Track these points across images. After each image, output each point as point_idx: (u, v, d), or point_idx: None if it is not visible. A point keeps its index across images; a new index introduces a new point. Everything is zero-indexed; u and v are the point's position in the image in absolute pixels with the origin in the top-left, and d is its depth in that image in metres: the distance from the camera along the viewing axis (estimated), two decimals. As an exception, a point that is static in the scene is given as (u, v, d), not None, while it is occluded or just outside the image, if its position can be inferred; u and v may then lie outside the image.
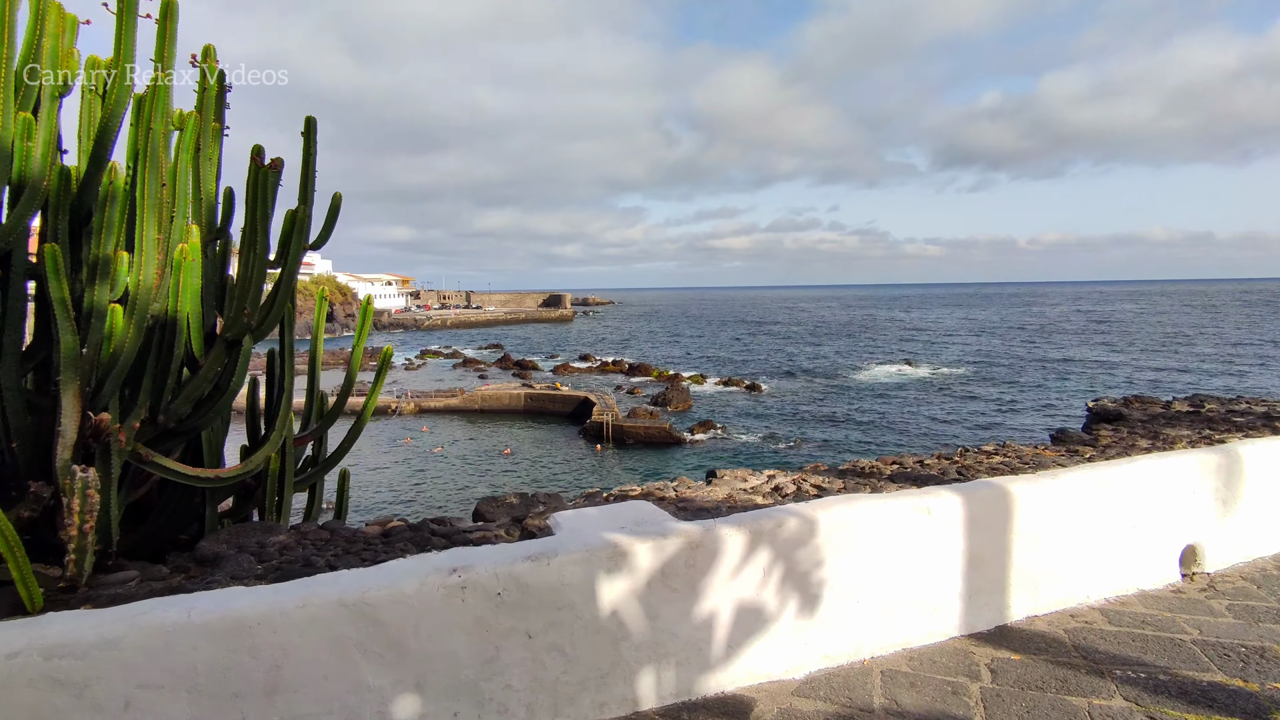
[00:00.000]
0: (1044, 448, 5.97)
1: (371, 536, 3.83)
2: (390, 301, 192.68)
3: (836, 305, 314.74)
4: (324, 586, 3.02)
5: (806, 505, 3.97)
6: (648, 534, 3.57)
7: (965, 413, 57.56)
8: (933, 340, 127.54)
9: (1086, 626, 4.41)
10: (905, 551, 4.11)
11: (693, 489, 4.55)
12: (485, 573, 3.22)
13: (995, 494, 4.37)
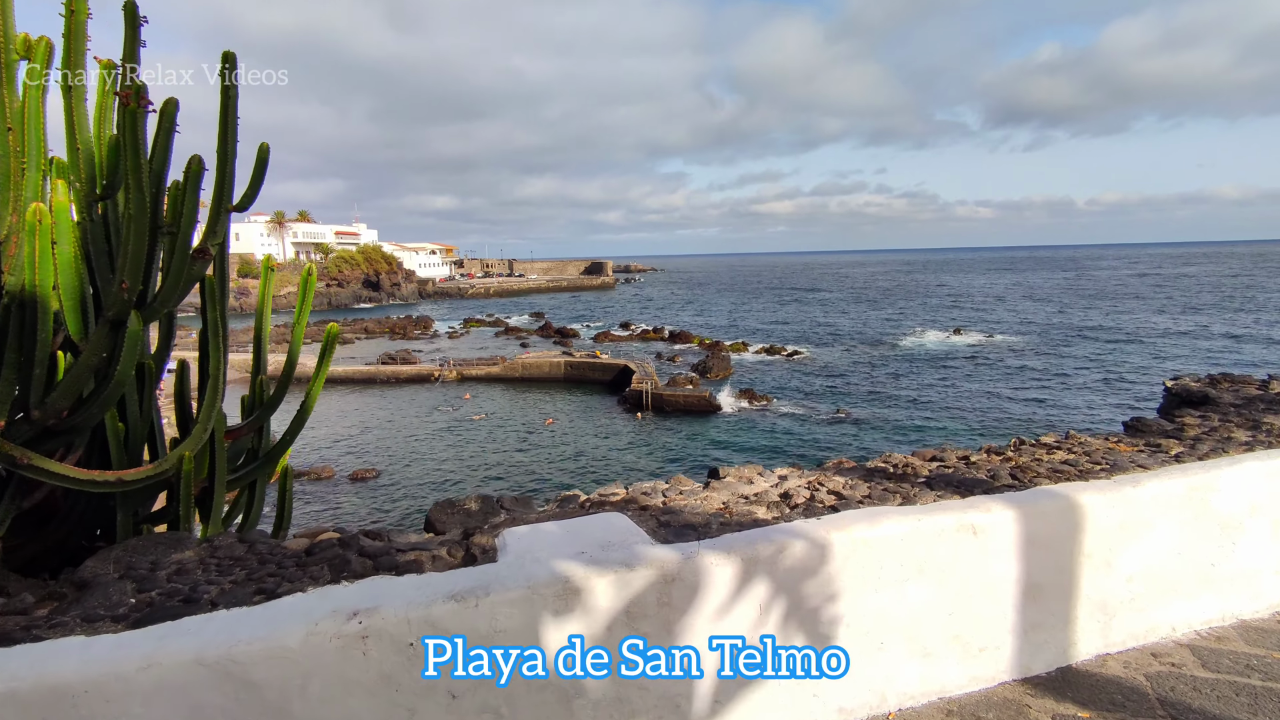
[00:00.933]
0: (1117, 440, 5.01)
1: (290, 555, 3.17)
2: (435, 270, 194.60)
3: (883, 270, 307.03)
4: (181, 638, 2.38)
5: (817, 524, 3.17)
6: (610, 563, 2.83)
7: (1019, 388, 55.22)
8: (983, 307, 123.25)
9: (1174, 671, 3.54)
10: (943, 580, 3.30)
11: (685, 494, 3.80)
12: (395, 616, 2.53)
13: (1060, 507, 3.51)
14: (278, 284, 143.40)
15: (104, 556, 3.18)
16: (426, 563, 3.04)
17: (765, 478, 4.15)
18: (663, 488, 4.05)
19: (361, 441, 43.53)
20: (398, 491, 33.96)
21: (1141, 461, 4.21)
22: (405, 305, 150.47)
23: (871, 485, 3.79)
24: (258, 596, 2.77)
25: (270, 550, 3.33)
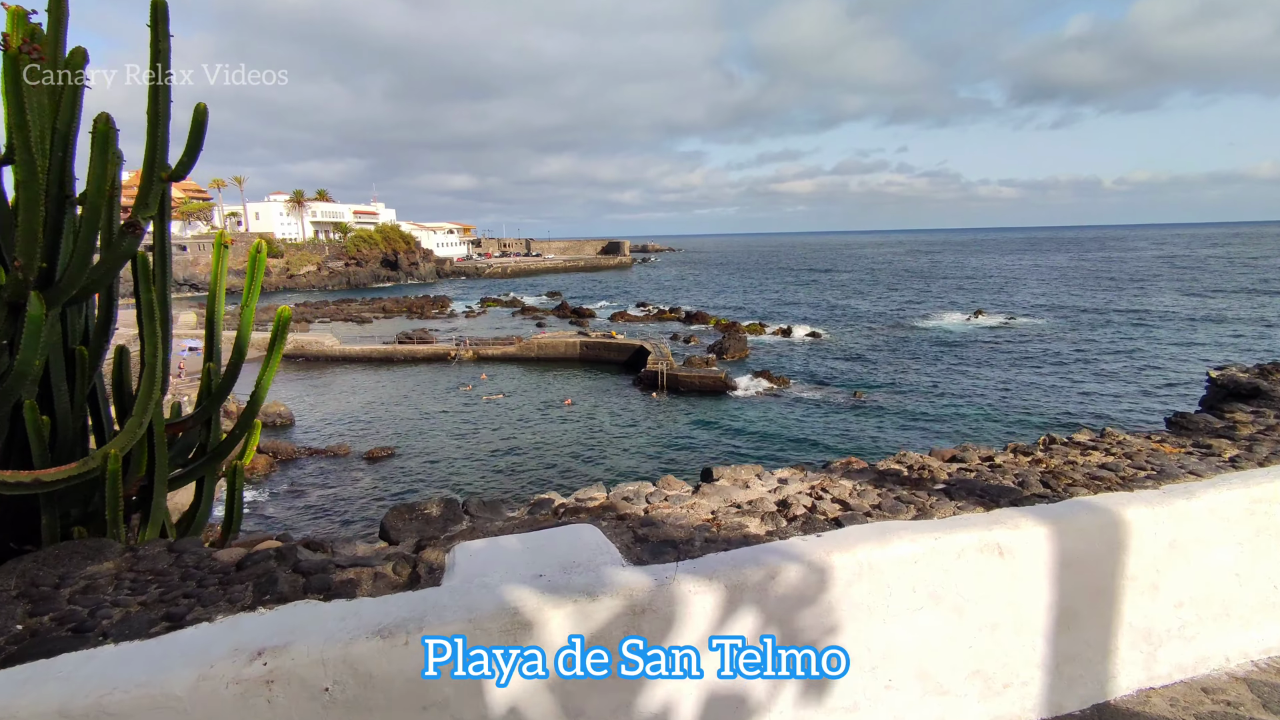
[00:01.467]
0: (1160, 439, 4.52)
1: (216, 570, 2.79)
2: (452, 250, 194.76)
3: (903, 251, 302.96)
4: (47, 683, 1.99)
5: (816, 543, 2.73)
6: (571, 590, 2.42)
7: (1043, 374, 54.07)
8: (1005, 289, 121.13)
9: (1228, 710, 3.08)
10: (963, 608, 2.85)
11: (671, 500, 3.38)
12: (308, 656, 2.13)
13: (1100, 523, 3.03)
14: (297, 264, 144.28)
15: (9, 569, 2.82)
16: (366, 581, 2.65)
17: (763, 480, 3.72)
18: (647, 491, 3.63)
19: (378, 420, 43.60)
20: (412, 471, 33.95)
21: (1192, 467, 3.72)
22: (423, 285, 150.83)
23: (882, 492, 3.35)
24: (161, 624, 2.38)
25: (197, 562, 2.95)
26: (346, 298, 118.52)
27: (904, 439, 36.81)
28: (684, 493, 3.59)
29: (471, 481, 32.22)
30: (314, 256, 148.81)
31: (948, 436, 37.18)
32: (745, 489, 3.55)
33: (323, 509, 29.22)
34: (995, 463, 3.91)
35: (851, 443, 35.80)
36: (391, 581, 2.73)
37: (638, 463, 34.31)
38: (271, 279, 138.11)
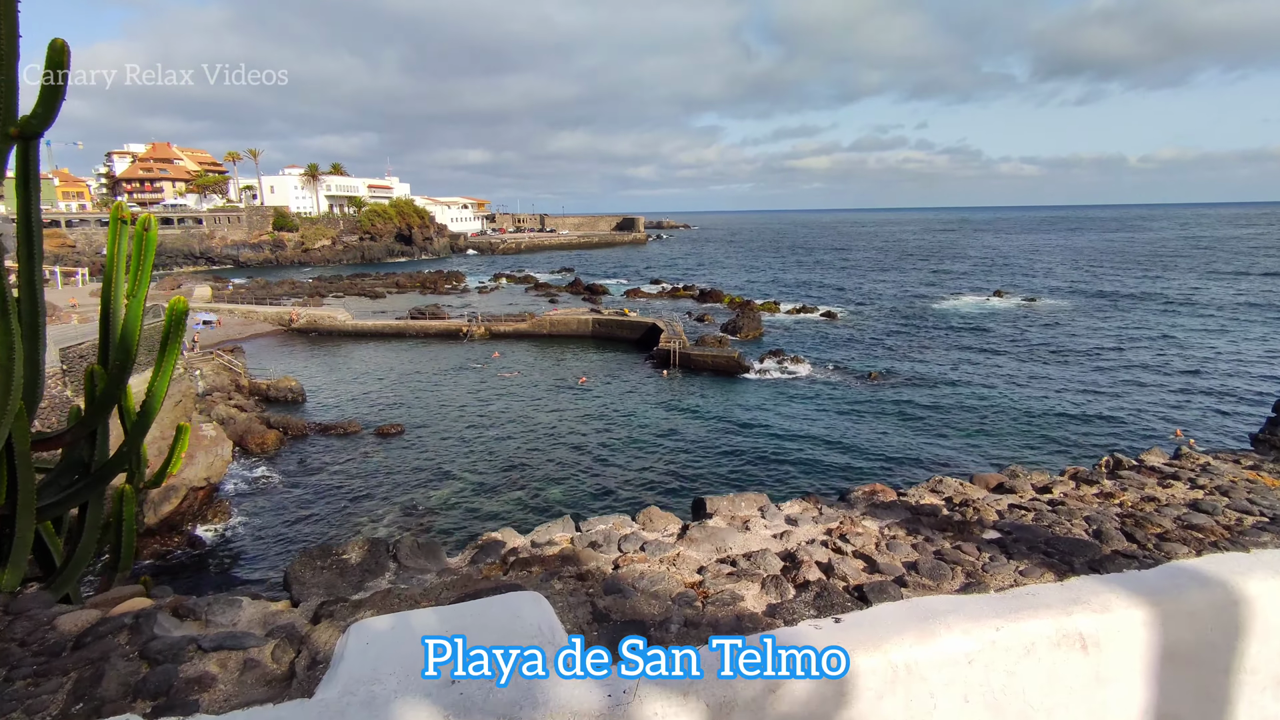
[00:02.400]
0: (1252, 464, 3.76)
1: (45, 648, 2.11)
2: (466, 225, 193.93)
3: (921, 229, 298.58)
4: None
5: (835, 631, 2.01)
6: (488, 711, 1.71)
7: (1071, 361, 52.75)
8: (1026, 269, 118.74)
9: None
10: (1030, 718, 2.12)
11: (650, 547, 2.71)
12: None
13: (1215, 601, 2.28)
14: (312, 238, 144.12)
15: None
16: (229, 676, 1.97)
17: (767, 519, 3.02)
18: (623, 532, 2.93)
19: (388, 397, 43.28)
20: (422, 449, 33.57)
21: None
22: (437, 260, 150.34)
23: (918, 541, 2.63)
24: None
25: (29, 633, 2.28)
26: (360, 272, 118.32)
27: (924, 430, 35.83)
28: (667, 535, 2.88)
29: (475, 464, 31.78)
30: (328, 231, 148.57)
31: (970, 428, 36.26)
32: (744, 530, 2.84)
33: (331, 487, 28.92)
34: (1054, 496, 3.17)
35: (868, 441, 34.88)
36: (265, 674, 2.05)
37: (638, 458, 33.71)
38: (287, 253, 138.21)
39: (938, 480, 3.53)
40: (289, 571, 2.83)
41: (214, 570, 22.13)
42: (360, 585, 2.68)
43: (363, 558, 2.89)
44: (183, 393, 28.40)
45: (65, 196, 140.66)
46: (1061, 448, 32.19)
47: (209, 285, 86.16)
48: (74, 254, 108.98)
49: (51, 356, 25.06)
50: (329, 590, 2.62)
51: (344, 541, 3.12)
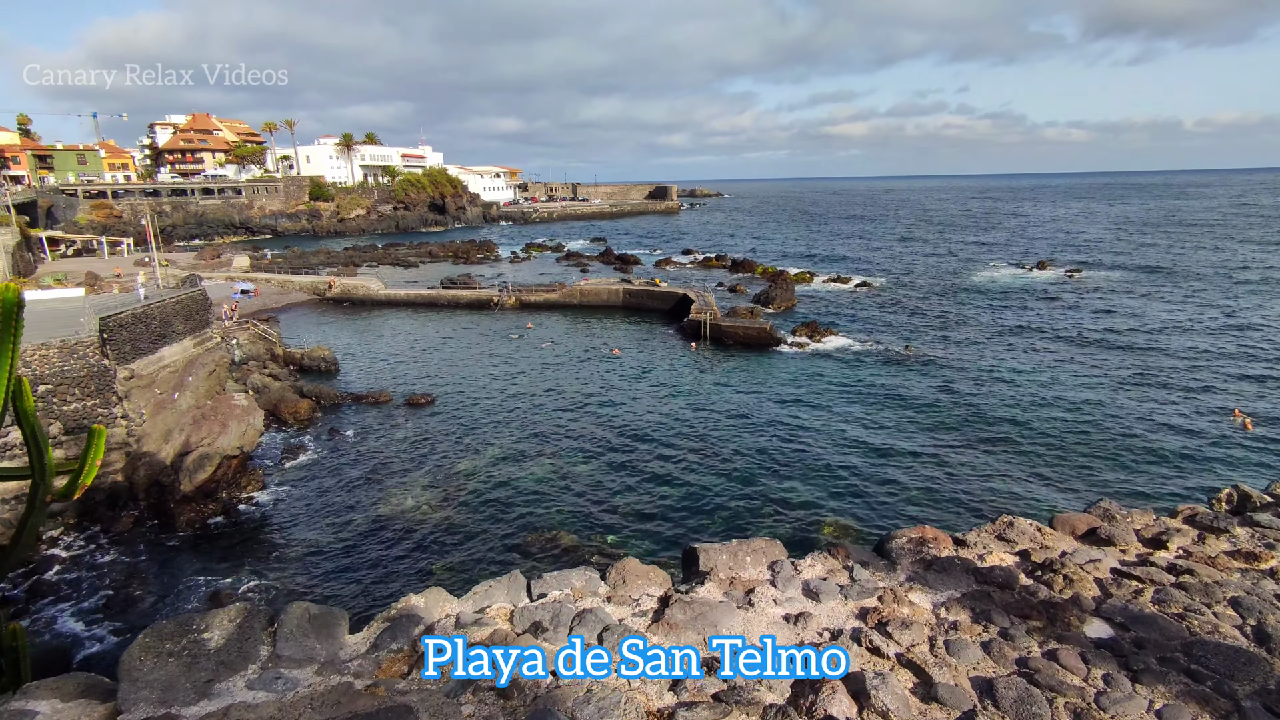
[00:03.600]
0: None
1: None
2: (499, 194, 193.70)
3: (962, 197, 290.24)
4: None
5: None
6: None
7: (1124, 338, 50.98)
8: (1072, 239, 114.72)
9: None
10: None
11: (611, 633, 2.27)
12: None
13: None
14: (347, 207, 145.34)
15: None
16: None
17: (779, 584, 2.55)
18: (583, 605, 2.46)
19: (420, 366, 43.62)
20: (452, 419, 33.78)
21: None
22: (469, 229, 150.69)
23: (990, 635, 2.24)
24: None
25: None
26: (394, 242, 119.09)
27: (968, 423, 34.69)
28: (639, 614, 2.39)
29: (504, 435, 31.88)
30: (363, 200, 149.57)
31: (1020, 419, 35.25)
32: (745, 607, 2.35)
33: (361, 456, 29.29)
34: (1172, 556, 2.56)
35: (904, 435, 33.98)
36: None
37: (659, 443, 33.46)
38: (322, 223, 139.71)
39: (1005, 523, 3.10)
40: (123, 660, 2.46)
41: (244, 536, 22.60)
42: (207, 687, 2.30)
43: (228, 637, 2.46)
44: (216, 362, 28.87)
45: (111, 168, 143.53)
46: (1118, 437, 31.09)
47: (247, 255, 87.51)
48: (120, 224, 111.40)
49: (91, 325, 25.56)
50: (164, 694, 2.25)
51: (211, 611, 2.71)
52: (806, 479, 26.19)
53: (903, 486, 25.47)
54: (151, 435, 24.39)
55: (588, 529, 22.80)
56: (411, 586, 19.70)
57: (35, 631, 17.20)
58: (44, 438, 3.20)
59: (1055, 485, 25.29)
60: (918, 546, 2.63)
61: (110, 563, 20.75)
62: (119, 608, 18.56)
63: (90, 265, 70.64)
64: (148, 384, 28.50)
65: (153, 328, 32.14)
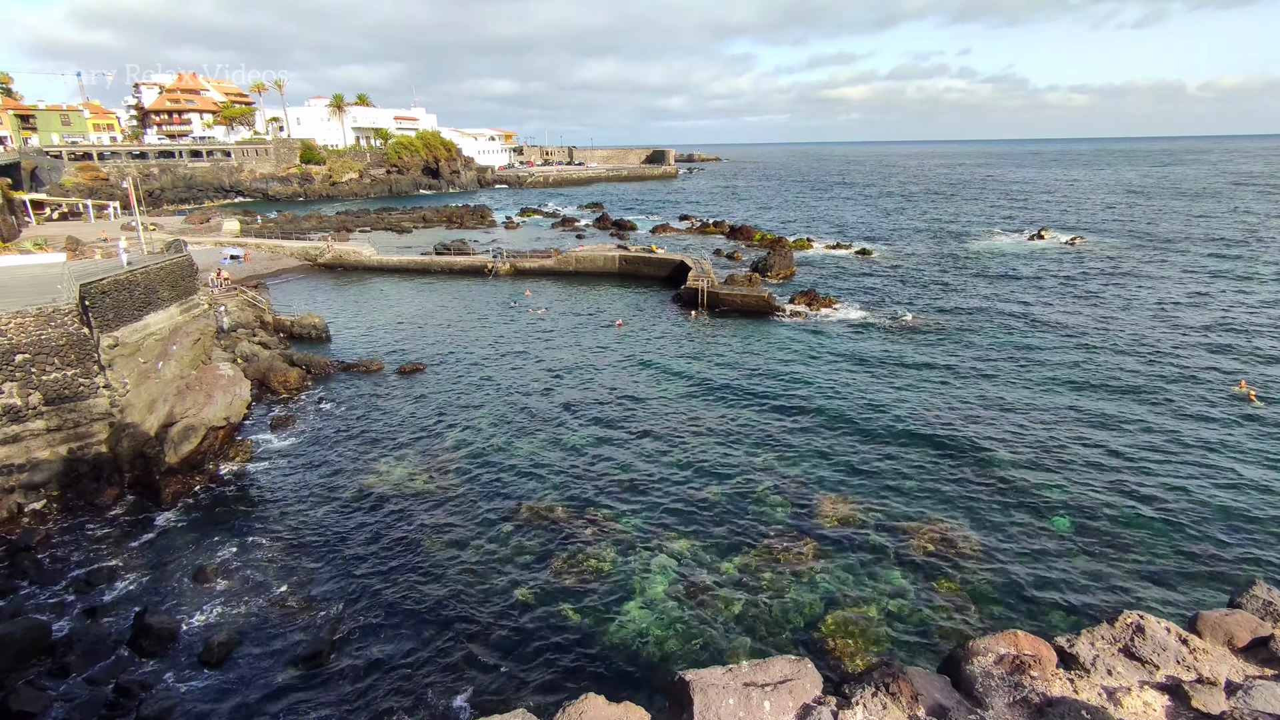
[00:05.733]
0: None
1: None
2: (494, 158, 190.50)
3: (962, 163, 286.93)
4: None
5: None
6: None
7: (1122, 303, 50.47)
8: (1071, 204, 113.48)
9: None
10: None
11: None
12: None
13: None
14: (339, 171, 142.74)
15: None
16: None
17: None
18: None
19: (412, 334, 42.90)
20: (442, 388, 33.24)
21: None
22: (464, 193, 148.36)
23: None
24: None
25: None
26: (387, 206, 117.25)
27: (978, 398, 34.51)
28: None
29: (495, 405, 31.38)
30: (355, 164, 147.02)
31: (1032, 384, 34.84)
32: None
33: (351, 426, 28.80)
34: None
35: (912, 415, 33.66)
36: None
37: (651, 415, 32.99)
38: (314, 186, 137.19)
39: (1130, 626, 2.36)
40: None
41: (231, 509, 22.19)
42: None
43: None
44: (201, 330, 28.18)
45: (96, 129, 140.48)
46: (1113, 396, 30.74)
47: (237, 219, 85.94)
48: (107, 187, 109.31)
49: (71, 292, 24.82)
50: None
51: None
52: (806, 455, 25.80)
53: (905, 465, 25.12)
54: (136, 406, 23.80)
55: (580, 502, 22.42)
56: (400, 560, 19.37)
57: (14, 608, 16.81)
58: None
59: (1086, 473, 24.97)
60: (1011, 672, 1.97)
61: (93, 537, 20.32)
62: (103, 584, 18.17)
63: (76, 229, 69.29)
64: (132, 352, 27.84)
65: (137, 294, 31.34)
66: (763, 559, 19.07)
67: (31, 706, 13.67)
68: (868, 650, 15.57)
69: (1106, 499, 22.01)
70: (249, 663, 15.43)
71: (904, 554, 19.22)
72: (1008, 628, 12.63)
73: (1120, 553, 19.21)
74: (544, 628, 16.52)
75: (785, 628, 16.34)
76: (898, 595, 17.44)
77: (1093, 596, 17.27)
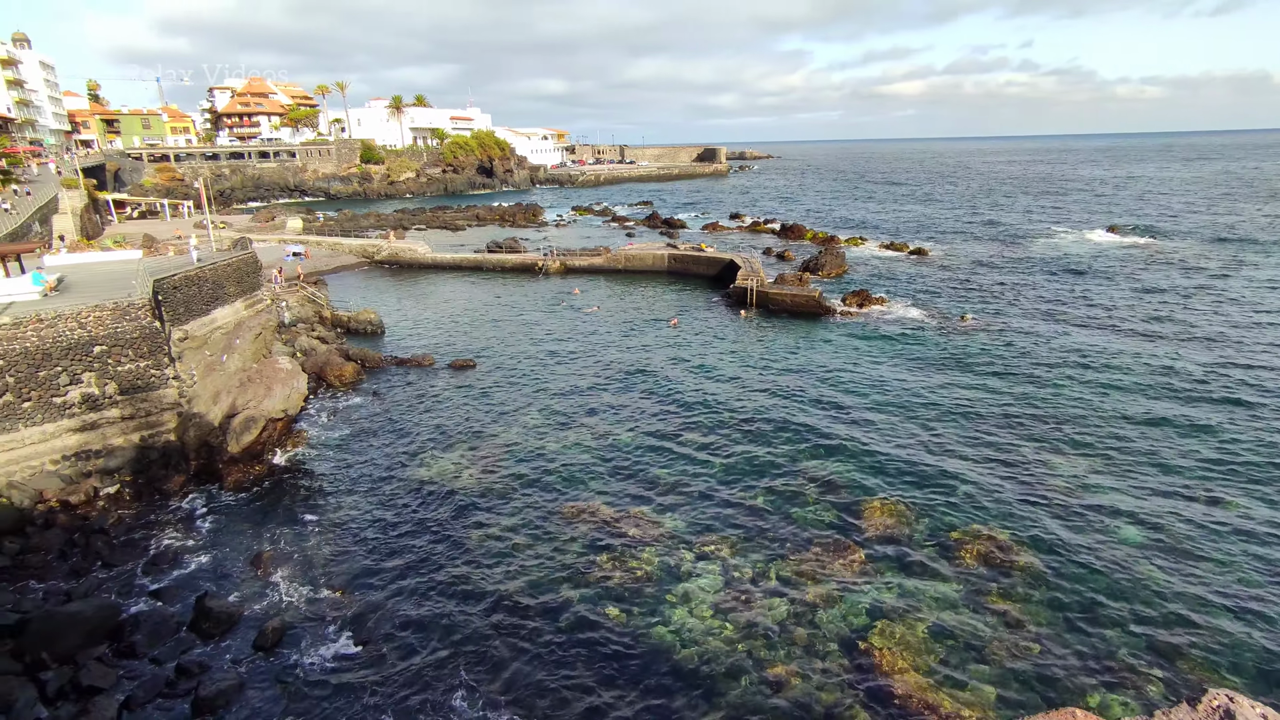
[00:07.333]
0: None
1: None
2: (546, 156, 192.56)
3: (1023, 159, 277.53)
4: None
5: None
6: None
7: (1202, 312, 48.10)
8: (1144, 203, 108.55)
9: None
10: None
11: None
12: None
13: None
14: (397, 170, 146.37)
15: None
16: None
17: None
18: None
19: (464, 330, 43.68)
20: (493, 384, 33.71)
21: None
22: (517, 192, 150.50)
23: None
24: None
25: None
26: (442, 204, 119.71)
27: (1034, 405, 33.39)
28: None
29: (545, 402, 31.67)
30: (412, 164, 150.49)
31: (1081, 383, 33.56)
32: None
33: (403, 420, 29.47)
34: None
35: (968, 416, 32.76)
36: None
37: (701, 416, 32.78)
38: (373, 185, 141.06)
39: (1217, 710, 2.09)
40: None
41: (287, 498, 22.94)
42: None
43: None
44: (263, 325, 29.24)
45: (173, 132, 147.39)
46: (1188, 405, 29.33)
47: (300, 217, 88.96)
48: (182, 187, 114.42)
49: (145, 287, 26.02)
50: None
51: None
52: (855, 458, 25.32)
53: (960, 471, 24.44)
54: (202, 397, 24.85)
55: (626, 500, 22.48)
56: (446, 554, 19.74)
57: (88, 588, 17.74)
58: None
59: (1158, 485, 23.94)
60: None
61: (160, 522, 21.29)
62: (167, 566, 19.03)
63: (153, 227, 72.76)
64: (199, 345, 29.09)
65: (205, 290, 32.75)
66: (809, 565, 18.80)
67: (102, 682, 14.40)
68: (916, 667, 15.20)
69: (1186, 516, 21.00)
70: (300, 649, 15.94)
71: (955, 565, 18.71)
72: (1066, 653, 11.99)
73: (1198, 572, 18.30)
74: (587, 628, 16.62)
75: (831, 638, 16.07)
76: (948, 608, 16.97)
77: (1172, 634, 16.32)
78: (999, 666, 15.06)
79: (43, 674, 14.39)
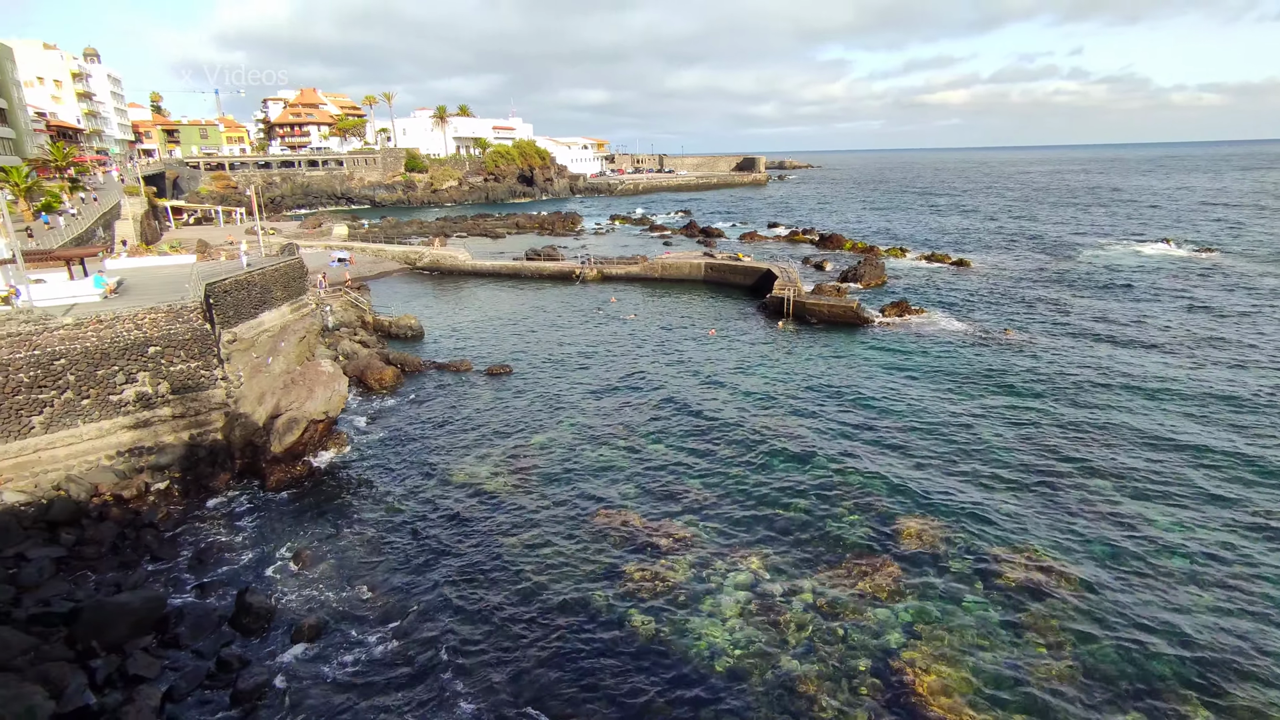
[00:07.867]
0: None
1: None
2: (586, 165, 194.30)
3: (1072, 169, 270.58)
4: None
5: None
6: None
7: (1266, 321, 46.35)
8: (1200, 215, 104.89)
9: None
10: None
11: None
12: None
13: None
14: (440, 179, 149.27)
15: None
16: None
17: None
18: None
19: (501, 337, 44.25)
20: (529, 390, 34.06)
21: None
22: (556, 200, 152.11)
23: None
24: None
25: None
26: (484, 212, 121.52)
27: (1073, 413, 32.55)
28: None
29: (579, 409, 31.89)
30: (455, 172, 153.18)
31: (1128, 401, 32.61)
32: None
33: (440, 424, 29.97)
34: None
35: (1008, 432, 32.06)
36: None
37: (731, 435, 32.61)
38: (417, 193, 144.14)
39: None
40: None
41: (326, 498, 23.50)
42: None
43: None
44: (307, 328, 30.05)
45: (229, 141, 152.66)
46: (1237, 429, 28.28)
47: (346, 224, 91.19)
48: (236, 194, 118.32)
49: (197, 290, 26.99)
50: None
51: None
52: (892, 472, 24.97)
53: (996, 488, 23.94)
54: (248, 397, 25.65)
55: (659, 511, 22.50)
56: (479, 557, 20.01)
57: (136, 580, 18.41)
58: None
59: (1210, 511, 23.16)
60: None
61: (206, 518, 22.02)
62: (211, 561, 19.66)
63: (208, 233, 75.30)
64: (247, 348, 30.02)
65: (254, 294, 33.80)
66: (841, 579, 18.60)
67: (147, 672, 14.93)
68: (950, 690, 14.90)
69: (1238, 548, 20.25)
70: (335, 646, 16.31)
71: (992, 583, 18.31)
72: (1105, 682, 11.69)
73: (1247, 606, 17.62)
74: (615, 636, 16.68)
75: (861, 655, 15.86)
76: (983, 627, 16.62)
77: (1220, 672, 15.79)
78: (1038, 691, 14.69)
79: (92, 662, 14.97)
